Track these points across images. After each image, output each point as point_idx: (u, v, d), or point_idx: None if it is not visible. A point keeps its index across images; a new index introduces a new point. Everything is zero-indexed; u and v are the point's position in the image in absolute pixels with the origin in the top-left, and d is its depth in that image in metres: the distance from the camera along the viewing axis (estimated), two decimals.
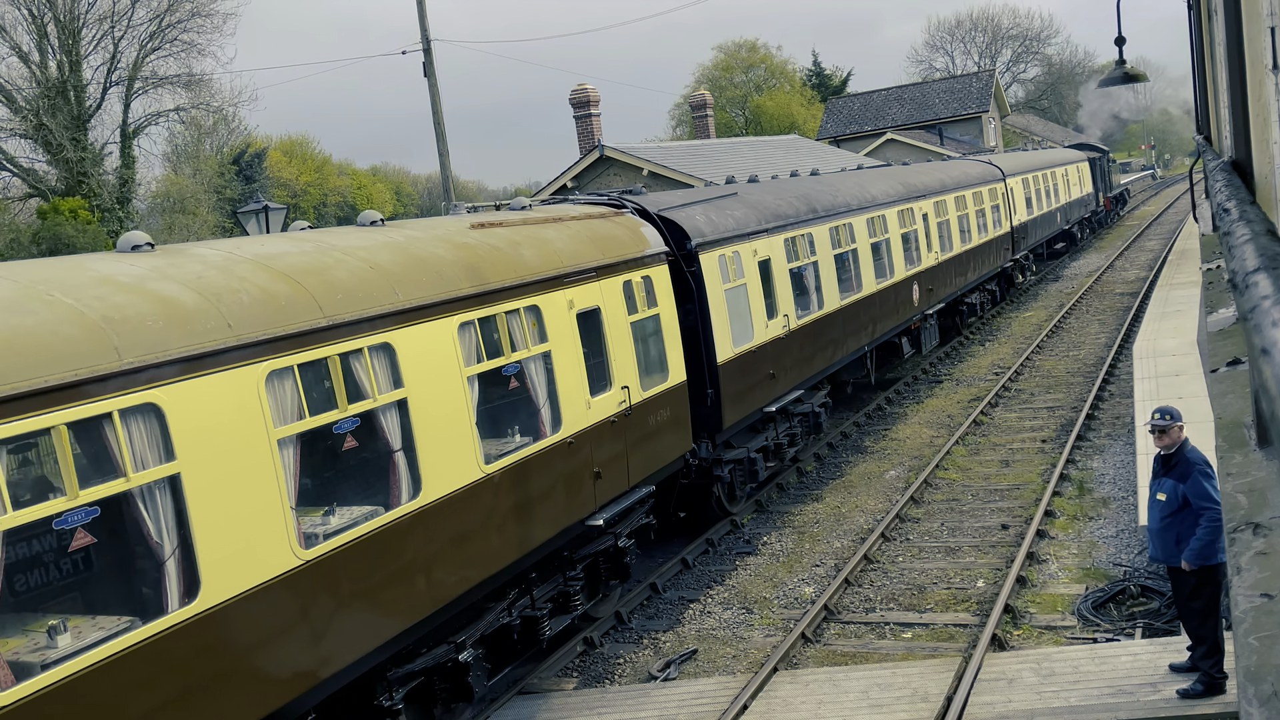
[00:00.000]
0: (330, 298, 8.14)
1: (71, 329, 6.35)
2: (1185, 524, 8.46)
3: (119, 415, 6.39)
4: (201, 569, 6.77)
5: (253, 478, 7.19)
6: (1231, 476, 2.21)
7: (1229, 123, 5.70)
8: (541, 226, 11.55)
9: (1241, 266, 2.44)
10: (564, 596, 11.03)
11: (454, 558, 9.03)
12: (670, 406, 12.76)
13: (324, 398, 8.01)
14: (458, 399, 9.23)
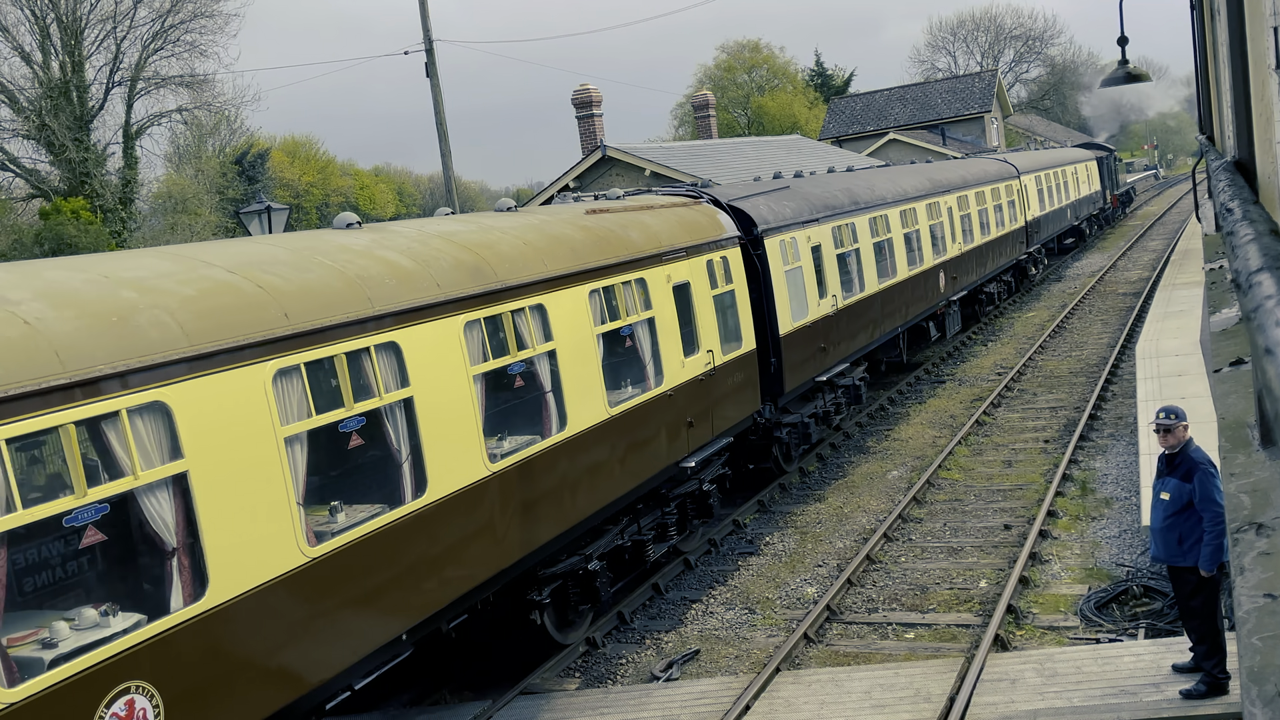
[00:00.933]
0: (501, 266, 10.13)
1: (338, 283, 8.33)
2: (1188, 524, 8.45)
3: (374, 350, 8.36)
4: (430, 473, 8.82)
5: (456, 404, 9.21)
6: (1234, 477, 2.21)
7: (1232, 122, 5.69)
8: (640, 213, 13.49)
9: (1244, 266, 2.44)
10: (662, 528, 12.94)
11: (589, 483, 11.02)
12: (743, 370, 14.64)
13: (499, 346, 9.96)
14: (591, 353, 11.18)
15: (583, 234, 11.79)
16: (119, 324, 6.60)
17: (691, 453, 13.09)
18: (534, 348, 10.32)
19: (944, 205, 24.93)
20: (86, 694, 6.01)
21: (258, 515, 7.20)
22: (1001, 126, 63.23)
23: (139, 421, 6.51)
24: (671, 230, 13.46)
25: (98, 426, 6.33)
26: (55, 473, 6.70)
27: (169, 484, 6.66)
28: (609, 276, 11.67)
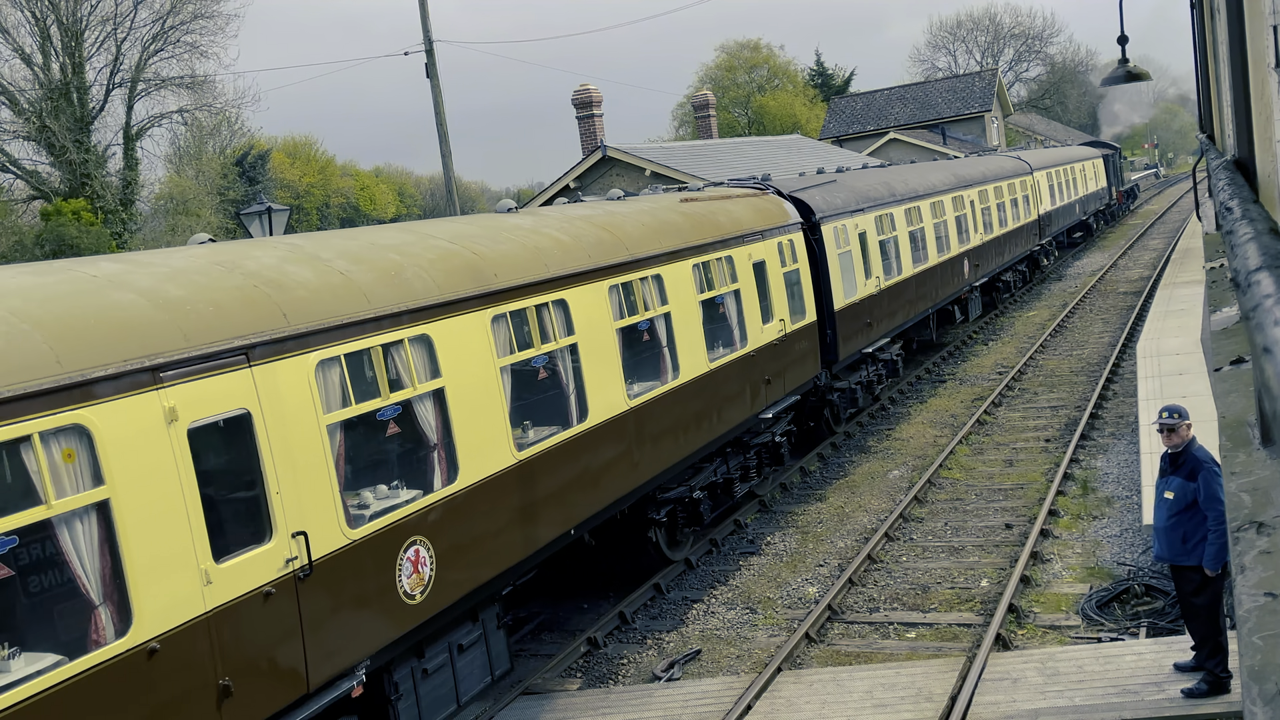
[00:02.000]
0: (630, 243, 12.34)
1: (523, 253, 10.58)
2: (1192, 523, 8.45)
3: (551, 305, 10.64)
4: (590, 403, 11.05)
5: (605, 351, 11.47)
6: (1235, 475, 2.21)
7: (1232, 121, 5.69)
8: (722, 201, 15.51)
9: (1244, 265, 2.44)
10: (744, 469, 15.05)
11: (694, 425, 13.14)
12: (807, 339, 16.81)
13: (632, 307, 12.20)
14: (695, 317, 13.35)
15: (683, 219, 14.00)
16: (395, 277, 8.94)
17: (767, 406, 15.25)
18: (655, 310, 12.56)
19: (967, 199, 27.01)
20: (392, 542, 8.34)
21: (487, 425, 9.53)
22: (1002, 126, 63.23)
23: (413, 349, 8.80)
24: (750, 216, 15.62)
25: (389, 350, 8.61)
26: (371, 379, 8.61)
27: (433, 396, 9.02)
28: (706, 254, 13.88)
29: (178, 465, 6.71)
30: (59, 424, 6.09)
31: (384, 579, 8.26)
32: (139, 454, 6.48)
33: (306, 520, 7.59)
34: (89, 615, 6.27)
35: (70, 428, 6.15)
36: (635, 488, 11.87)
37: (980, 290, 28.51)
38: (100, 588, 6.29)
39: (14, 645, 6.10)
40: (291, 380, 7.61)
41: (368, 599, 8.09)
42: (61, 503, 6.05)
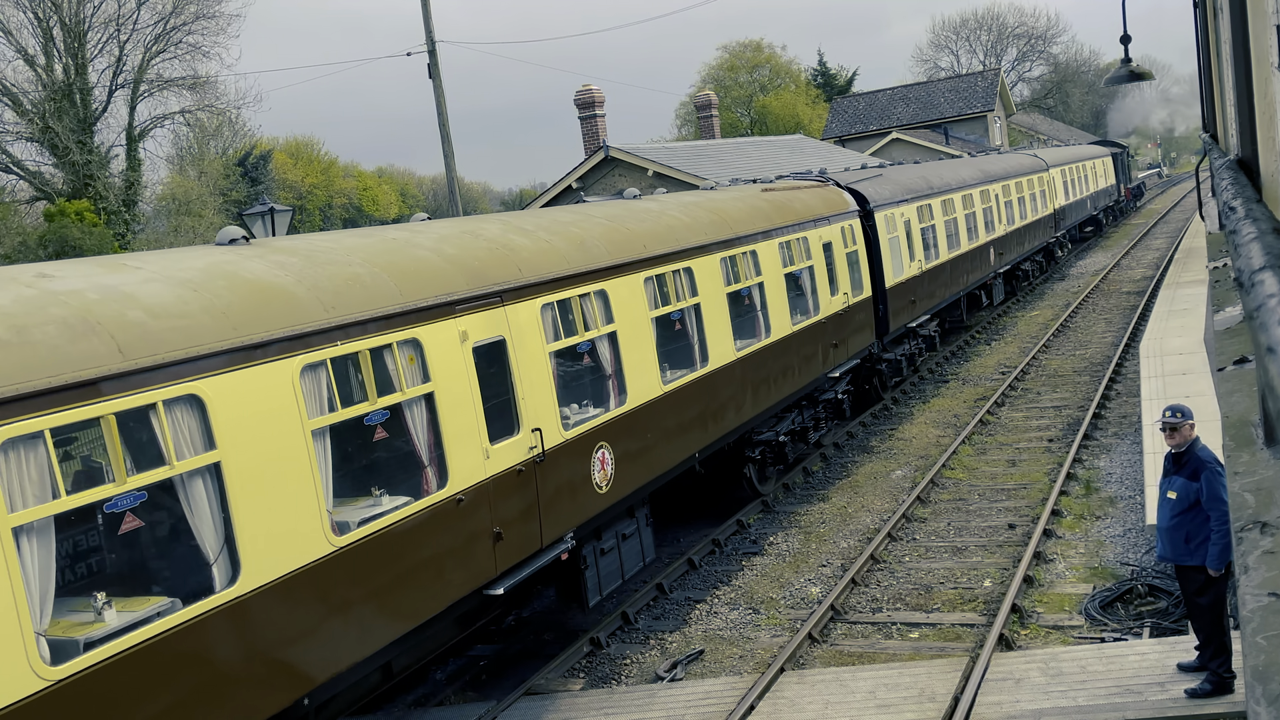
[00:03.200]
0: (733, 224, 14.80)
1: (661, 229, 13.01)
2: (1195, 523, 8.44)
3: (681, 272, 13.09)
4: (710, 352, 13.60)
5: (718, 311, 13.83)
6: (1239, 475, 2.21)
7: (1235, 121, 5.69)
8: (796, 191, 18.03)
9: (1247, 265, 2.44)
10: (815, 420, 17.47)
11: (780, 378, 15.45)
12: (864, 311, 19.17)
13: (735, 277, 14.50)
14: (781, 287, 15.67)
15: (769, 205, 16.34)
16: (581, 246, 11.48)
17: (834, 366, 17.63)
18: (752, 279, 14.91)
19: (991, 193, 29.51)
20: (588, 444, 10.93)
21: (645, 361, 12.06)
22: (1004, 125, 63.20)
23: (596, 300, 11.39)
24: (818, 204, 18.04)
25: (582, 299, 11.18)
26: (571, 322, 11.06)
27: (609, 337, 11.48)
28: (787, 234, 16.20)
29: (468, 372, 9.40)
30: (403, 338, 8.70)
31: (583, 471, 10.87)
32: (447, 362, 9.13)
33: (539, 420, 10.24)
34: (420, 472, 8.95)
35: (410, 341, 8.78)
36: (739, 425, 14.34)
37: (1003, 277, 31.05)
38: (426, 454, 8.94)
39: (381, 489, 8.83)
40: (526, 318, 10.25)
41: (575, 485, 10.71)
42: (409, 391, 8.74)
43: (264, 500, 7.28)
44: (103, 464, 6.88)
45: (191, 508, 6.91)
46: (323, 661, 7.66)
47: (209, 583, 6.96)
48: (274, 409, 7.42)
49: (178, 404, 6.82)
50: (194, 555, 7.10)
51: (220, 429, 6.98)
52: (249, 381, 7.25)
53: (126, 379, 6.53)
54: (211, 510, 6.97)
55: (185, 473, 6.81)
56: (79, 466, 7.44)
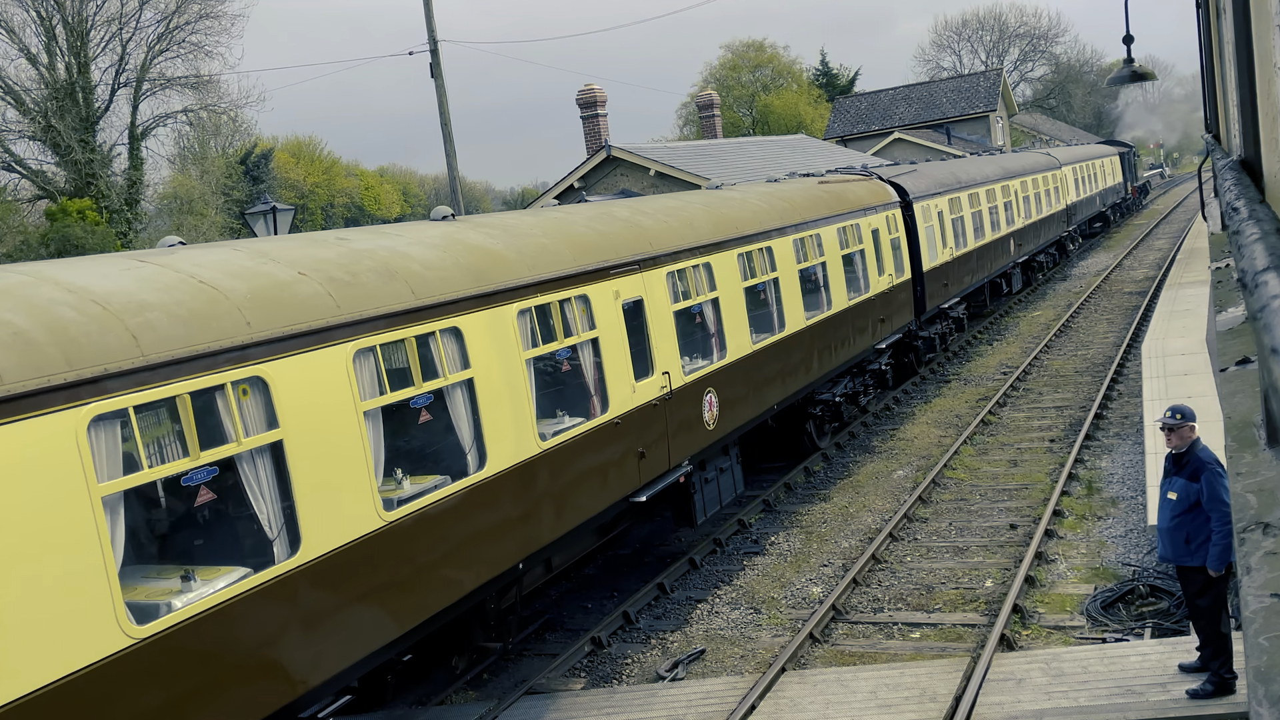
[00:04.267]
0: (803, 211, 17.08)
1: (748, 215, 15.22)
2: (1196, 523, 8.43)
3: (763, 250, 15.33)
4: (787, 320, 15.70)
5: (791, 285, 16.04)
6: (1241, 476, 2.21)
7: (1238, 121, 5.68)
8: (846, 184, 20.07)
9: (1250, 265, 2.43)
10: (864, 387, 19.76)
11: (837, 346, 17.63)
12: (905, 292, 21.37)
13: (804, 257, 16.71)
14: (839, 268, 17.99)
15: (827, 195, 18.64)
16: (691, 226, 13.76)
17: (881, 339, 19.82)
18: (816, 259, 17.01)
19: (1011, 188, 31.77)
20: (700, 388, 13.19)
21: (738, 323, 14.29)
22: (1006, 125, 63.16)
23: (703, 271, 13.64)
24: (866, 195, 20.24)
25: (695, 270, 13.39)
26: (686, 290, 13.20)
27: (713, 302, 13.77)
28: (843, 221, 18.43)
29: (620, 323, 11.63)
30: (577, 294, 11.03)
31: (696, 410, 13.15)
32: (606, 314, 11.46)
33: (667, 365, 12.59)
34: (590, 399, 11.31)
35: (581, 296, 11.10)
36: (805, 385, 16.40)
37: (1021, 268, 33.46)
38: (593, 389, 11.27)
39: (563, 411, 11.14)
40: (656, 283, 12.51)
41: (691, 420, 13.01)
42: (583, 335, 11.14)
43: (500, 412, 9.76)
44: (408, 369, 9.04)
45: (451, 409, 9.40)
46: (540, 531, 10.25)
47: (465, 467, 9.46)
48: (504, 340, 9.90)
49: (447, 334, 9.21)
50: (458, 441, 9.54)
51: (472, 353, 9.49)
52: (488, 320, 9.70)
53: (418, 313, 8.87)
54: (466, 410, 9.51)
55: (450, 385, 9.37)
56: (397, 367, 9.18)
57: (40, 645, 5.80)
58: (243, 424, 7.20)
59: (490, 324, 9.70)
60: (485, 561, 9.39)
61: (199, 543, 8.52)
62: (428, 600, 8.67)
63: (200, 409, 6.98)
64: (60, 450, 6.09)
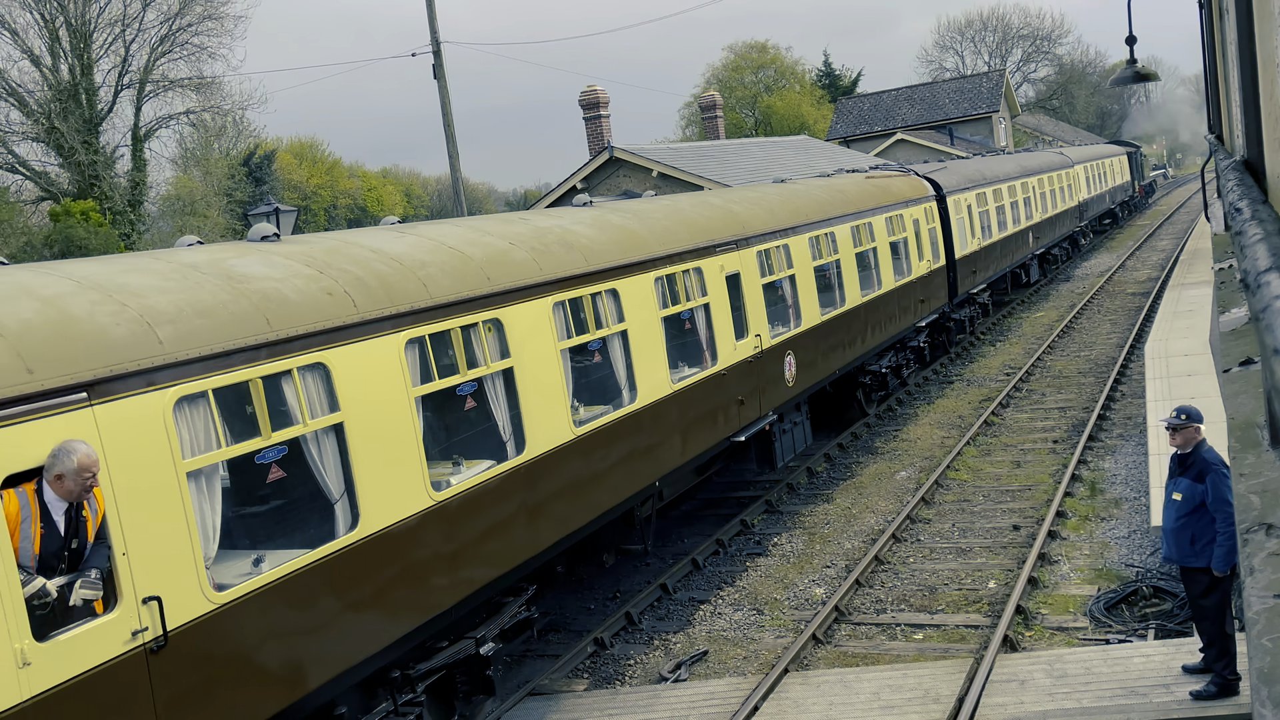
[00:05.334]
0: (857, 202, 19.47)
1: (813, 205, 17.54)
2: (1200, 524, 8.42)
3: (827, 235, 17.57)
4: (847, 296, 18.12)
5: (850, 267, 18.30)
6: (1244, 477, 2.20)
7: (1241, 122, 5.67)
8: (889, 179, 22.60)
9: (1254, 266, 2.43)
10: (906, 361, 21.78)
11: (884, 323, 19.83)
12: (940, 276, 23.61)
13: (860, 241, 19.03)
14: (888, 251, 20.34)
15: (875, 188, 21.01)
16: (771, 212, 16.14)
17: (922, 317, 22.10)
18: (868, 244, 19.37)
19: (1030, 185, 34.21)
20: (782, 350, 15.35)
21: (810, 298, 16.63)
22: (1009, 126, 63.10)
23: (783, 251, 15.97)
24: (907, 189, 22.68)
25: (776, 250, 15.71)
26: (770, 266, 15.56)
27: (790, 279, 16.12)
28: (889, 211, 20.79)
29: (724, 291, 13.96)
30: (694, 266, 13.38)
31: (779, 368, 15.41)
32: (715, 283, 13.80)
33: (758, 329, 14.79)
34: (703, 353, 13.52)
35: (696, 269, 13.41)
36: (858, 356, 18.60)
37: (1038, 259, 35.61)
38: (705, 345, 13.54)
39: (683, 362, 13.33)
40: (749, 259, 14.84)
41: (775, 377, 15.23)
42: (697, 300, 13.37)
43: (645, 358, 12.03)
44: (588, 319, 11.24)
45: (611, 353, 11.73)
46: (671, 457, 12.54)
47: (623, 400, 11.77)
48: (646, 301, 12.16)
49: (610, 294, 11.56)
50: (617, 379, 11.81)
51: (626, 310, 11.76)
52: (634, 284, 12.00)
53: (590, 277, 11.21)
54: (622, 356, 11.77)
55: (611, 334, 11.60)
56: (579, 318, 11.26)
57: (391, 500, 8.29)
58: (489, 354, 9.63)
59: (636, 288, 12.08)
60: (636, 476, 11.82)
61: (465, 436, 10.89)
62: (604, 498, 11.16)
63: (465, 340, 9.37)
64: (393, 362, 8.47)
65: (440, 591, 8.72)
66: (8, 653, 5.66)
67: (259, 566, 7.45)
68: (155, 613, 6.47)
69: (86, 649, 6.06)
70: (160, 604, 6.49)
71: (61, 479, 6.07)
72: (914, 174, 24.22)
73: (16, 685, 5.66)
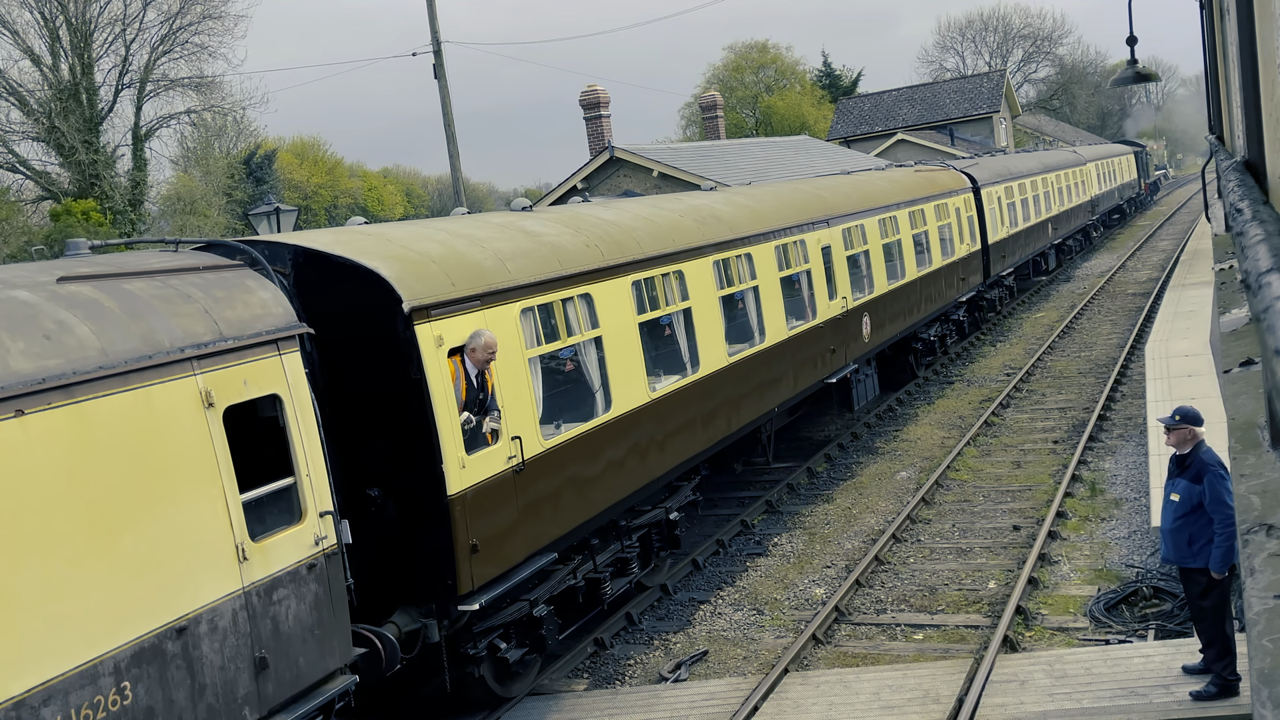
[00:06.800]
0: (912, 191, 22.80)
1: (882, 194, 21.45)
2: (1198, 525, 8.42)
3: (901, 216, 21.58)
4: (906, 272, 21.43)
5: (909, 249, 21.58)
6: (1245, 478, 2.20)
7: (1241, 122, 5.67)
8: (934, 172, 25.74)
9: (1254, 267, 2.43)
10: (947, 332, 25.04)
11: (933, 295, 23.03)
12: (976, 259, 26.85)
13: (915, 225, 22.20)
14: (935, 234, 23.35)
15: (925, 180, 24.13)
16: (860, 195, 20.20)
17: (962, 295, 25.26)
18: (922, 228, 22.56)
19: (1049, 180, 37.12)
20: (860, 312, 18.51)
21: (880, 270, 19.53)
22: (1010, 127, 63.08)
23: (863, 230, 19.41)
24: (948, 181, 25.73)
25: (857, 228, 19.07)
26: (856, 239, 18.94)
27: (864, 253, 19.14)
28: (936, 200, 23.87)
29: (821, 262, 17.13)
30: (796, 240, 16.44)
31: (858, 327, 18.43)
32: (814, 254, 16.97)
33: (844, 293, 17.85)
34: (806, 311, 16.57)
35: (799, 241, 16.49)
36: (913, 323, 21.49)
37: (1055, 249, 38.49)
38: (808, 303, 16.65)
39: (792, 317, 16.02)
40: (837, 235, 18.08)
41: (855, 334, 18.22)
42: (801, 267, 16.47)
43: (770, 310, 15.25)
44: (734, 275, 14.53)
45: (745, 307, 15.03)
46: (783, 391, 15.57)
47: (754, 340, 14.96)
48: (769, 265, 15.44)
49: (745, 257, 14.77)
50: (750, 325, 15.03)
51: (758, 270, 15.05)
52: (762, 251, 15.31)
53: (734, 243, 14.57)
54: (754, 307, 15.00)
55: (745, 290, 14.89)
56: (731, 273, 14.52)
57: (628, 393, 11.67)
58: (676, 296, 12.97)
59: (763, 253, 15.30)
60: (764, 401, 14.87)
61: (663, 354, 13.20)
62: (746, 414, 14.39)
63: (663, 285, 12.63)
64: (625, 296, 11.82)
65: (653, 464, 12.06)
66: (455, 460, 9.00)
67: (559, 429, 10.65)
68: (519, 447, 9.79)
69: (486, 465, 9.36)
70: (521, 442, 9.81)
71: (474, 352, 9.28)
72: (953, 169, 27.62)
73: (463, 478, 9.08)
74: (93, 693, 6.06)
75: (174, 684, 6.60)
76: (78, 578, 6.10)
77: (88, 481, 6.25)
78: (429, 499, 8.88)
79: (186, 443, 6.91)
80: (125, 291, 7.11)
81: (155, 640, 6.50)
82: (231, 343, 7.39)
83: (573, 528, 10.50)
